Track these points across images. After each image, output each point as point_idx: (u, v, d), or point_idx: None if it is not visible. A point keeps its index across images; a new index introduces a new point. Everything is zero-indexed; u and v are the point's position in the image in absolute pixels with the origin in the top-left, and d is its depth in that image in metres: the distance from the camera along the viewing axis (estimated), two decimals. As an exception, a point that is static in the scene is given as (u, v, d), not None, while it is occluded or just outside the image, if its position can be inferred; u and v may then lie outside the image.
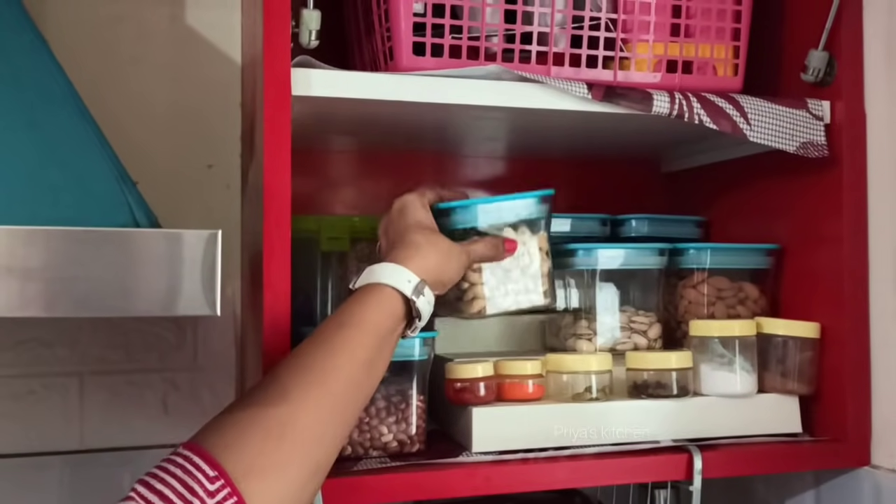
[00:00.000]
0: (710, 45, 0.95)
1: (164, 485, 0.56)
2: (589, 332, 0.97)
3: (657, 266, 1.00)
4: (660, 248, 1.00)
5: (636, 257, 0.99)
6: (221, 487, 0.57)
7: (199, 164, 1.15)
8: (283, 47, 0.78)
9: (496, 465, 0.84)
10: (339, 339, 0.68)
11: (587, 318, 0.98)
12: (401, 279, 0.73)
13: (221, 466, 0.58)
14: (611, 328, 0.98)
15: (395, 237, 0.80)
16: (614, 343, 0.98)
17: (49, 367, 1.08)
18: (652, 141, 1.13)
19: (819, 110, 0.95)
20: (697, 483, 0.87)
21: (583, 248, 0.98)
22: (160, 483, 0.57)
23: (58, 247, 0.51)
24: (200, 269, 0.54)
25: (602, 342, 0.97)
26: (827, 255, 0.97)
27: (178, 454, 0.59)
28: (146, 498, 0.56)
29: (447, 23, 0.87)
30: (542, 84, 0.87)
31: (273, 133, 0.77)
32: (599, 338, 0.97)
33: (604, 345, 0.97)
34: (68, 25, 1.11)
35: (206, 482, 0.57)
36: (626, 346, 0.98)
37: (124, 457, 1.10)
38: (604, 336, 0.97)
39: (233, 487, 0.57)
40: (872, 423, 0.94)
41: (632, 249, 0.99)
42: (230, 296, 1.13)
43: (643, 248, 1.00)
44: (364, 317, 0.70)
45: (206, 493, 0.56)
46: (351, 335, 0.69)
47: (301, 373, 0.65)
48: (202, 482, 0.57)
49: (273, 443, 0.61)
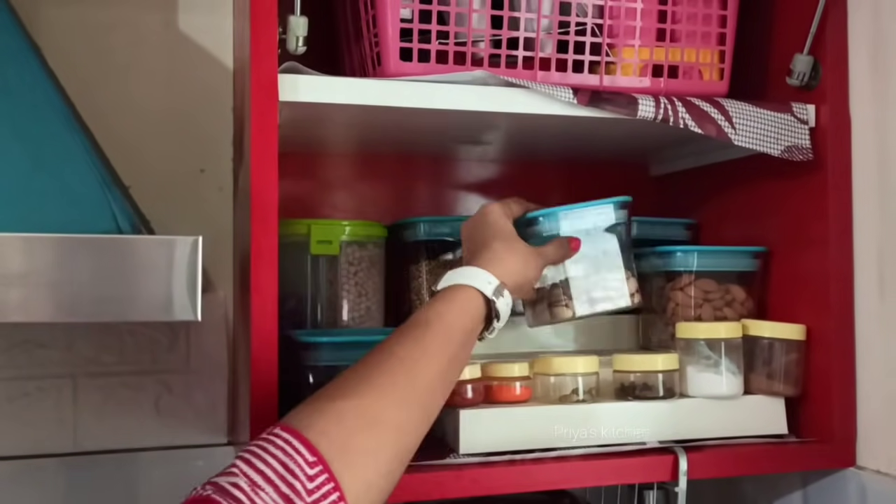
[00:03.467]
0: (695, 49, 0.96)
1: (266, 465, 0.58)
2: (565, 298, 0.92)
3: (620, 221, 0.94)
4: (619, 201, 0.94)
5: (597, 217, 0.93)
6: (320, 473, 0.59)
7: (191, 168, 1.16)
8: (270, 53, 0.79)
9: (483, 466, 0.85)
10: (427, 336, 0.72)
11: (562, 286, 0.92)
12: (482, 281, 0.78)
13: (320, 452, 0.60)
14: (586, 291, 0.92)
15: (478, 243, 0.85)
16: (592, 305, 0.92)
17: (43, 370, 1.09)
18: (641, 144, 1.14)
19: (804, 114, 0.95)
20: (683, 484, 0.87)
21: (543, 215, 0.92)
22: (261, 462, 0.59)
23: (40, 253, 0.52)
24: (181, 274, 0.55)
25: (579, 306, 0.91)
26: (812, 257, 0.97)
27: (276, 435, 0.61)
28: (248, 475, 0.57)
29: (434, 28, 0.88)
30: (528, 89, 0.88)
31: (260, 138, 0.78)
32: (576, 302, 0.91)
33: (581, 309, 0.91)
34: (62, 31, 1.11)
35: (307, 467, 0.59)
36: (605, 307, 0.93)
37: (118, 459, 1.10)
38: (580, 300, 0.91)
39: (330, 473, 0.59)
40: (858, 424, 0.94)
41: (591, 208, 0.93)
42: (222, 299, 1.14)
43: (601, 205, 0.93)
44: (449, 316, 0.75)
45: (306, 478, 0.58)
46: (436, 332, 0.73)
47: (391, 368, 0.68)
48: (302, 466, 0.59)
49: (365, 431, 0.63)
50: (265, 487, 0.57)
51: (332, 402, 0.65)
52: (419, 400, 0.69)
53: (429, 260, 1.05)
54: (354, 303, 1.02)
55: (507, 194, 1.23)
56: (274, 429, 0.62)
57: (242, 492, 0.56)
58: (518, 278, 0.82)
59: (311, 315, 1.01)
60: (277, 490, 0.57)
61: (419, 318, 0.74)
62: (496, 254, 0.82)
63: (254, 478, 0.57)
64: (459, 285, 0.78)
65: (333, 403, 0.64)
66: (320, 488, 0.59)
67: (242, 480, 0.57)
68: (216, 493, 0.56)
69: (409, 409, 0.67)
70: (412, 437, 0.68)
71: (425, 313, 0.75)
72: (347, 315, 1.01)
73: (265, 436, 0.61)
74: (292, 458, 0.59)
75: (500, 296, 0.78)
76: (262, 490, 0.57)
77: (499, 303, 0.78)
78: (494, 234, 0.85)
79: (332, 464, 0.60)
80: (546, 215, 0.91)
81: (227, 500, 0.55)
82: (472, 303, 0.77)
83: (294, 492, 0.57)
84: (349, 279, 1.02)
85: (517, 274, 0.82)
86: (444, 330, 0.73)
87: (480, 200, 1.24)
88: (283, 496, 0.57)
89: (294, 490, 0.57)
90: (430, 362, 0.70)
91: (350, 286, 1.02)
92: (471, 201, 1.24)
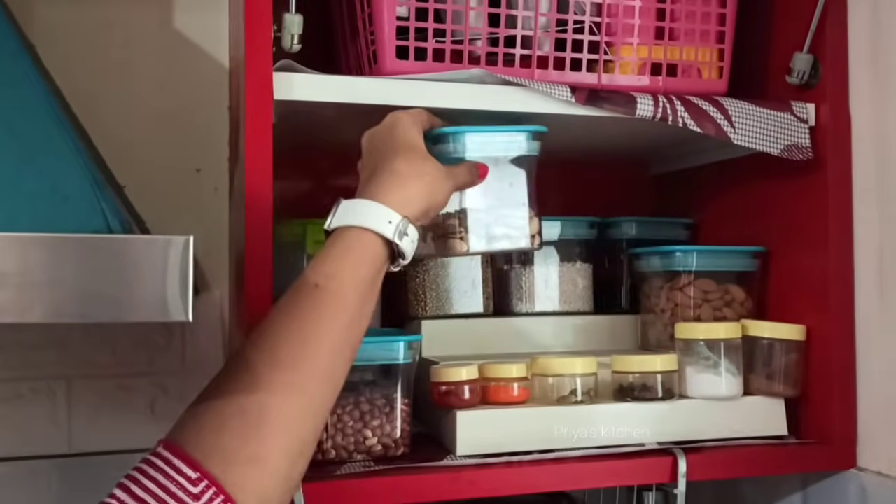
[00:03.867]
0: (694, 48, 0.95)
1: (145, 490, 0.55)
2: (461, 230, 0.85)
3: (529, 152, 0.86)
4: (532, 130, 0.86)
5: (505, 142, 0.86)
6: (206, 488, 0.56)
7: (187, 167, 1.15)
8: (265, 51, 0.79)
9: (481, 468, 0.84)
10: (315, 305, 0.63)
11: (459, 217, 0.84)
12: (381, 220, 0.67)
13: (202, 466, 0.56)
14: (485, 225, 0.84)
15: (379, 160, 0.73)
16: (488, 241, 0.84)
17: (37, 371, 1.08)
18: (639, 143, 1.13)
19: (804, 113, 0.95)
20: (682, 486, 0.87)
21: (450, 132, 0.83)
22: (140, 488, 0.56)
23: (30, 252, 0.51)
24: (173, 274, 0.54)
25: (475, 241, 0.84)
26: (812, 257, 0.97)
27: (157, 455, 0.57)
28: None
29: (431, 26, 0.87)
30: (526, 87, 0.87)
31: (255, 136, 0.78)
32: (472, 236, 0.84)
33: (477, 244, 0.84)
34: (57, 30, 1.11)
35: (189, 485, 0.55)
36: (502, 245, 0.86)
37: (113, 460, 1.10)
38: (476, 234, 0.84)
39: (217, 485, 0.56)
40: (858, 425, 0.94)
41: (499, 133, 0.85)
42: (218, 299, 1.14)
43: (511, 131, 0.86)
44: (342, 274, 0.64)
45: (189, 497, 0.55)
46: (327, 300, 0.63)
47: (275, 351, 0.61)
48: (184, 486, 0.55)
49: (252, 431, 0.58)
50: None
51: (214, 403, 0.59)
52: (315, 381, 0.61)
53: (426, 260, 1.04)
54: (351, 303, 1.01)
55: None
56: (158, 446, 0.58)
57: None
58: (424, 205, 0.71)
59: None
60: None
61: (310, 279, 0.64)
62: (399, 176, 0.70)
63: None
64: (353, 228, 0.66)
65: (215, 404, 0.59)
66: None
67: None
68: None
69: (299, 398, 0.60)
70: (308, 427, 0.61)
71: (313, 274, 0.64)
72: (344, 315, 1.00)
73: (148, 456, 0.57)
74: (172, 478, 0.55)
75: (403, 235, 0.67)
76: None
77: (403, 243, 0.67)
78: (399, 151, 0.72)
79: (220, 477, 0.56)
80: (454, 134, 0.82)
81: None
82: (369, 250, 0.66)
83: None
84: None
85: (423, 200, 0.71)
86: (336, 295, 0.63)
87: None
88: None
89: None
90: (322, 338, 0.62)
91: (346, 286, 1.01)
92: (468, 201, 1.23)
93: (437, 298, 1.04)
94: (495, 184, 0.84)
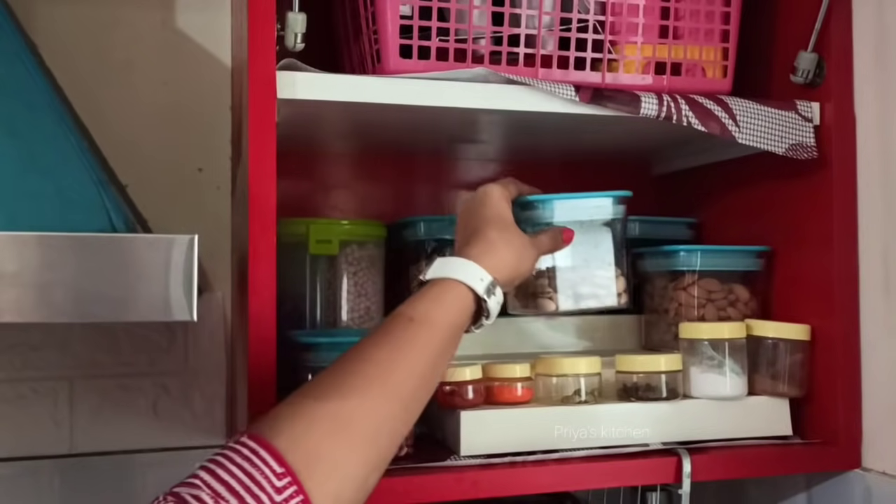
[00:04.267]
0: (698, 46, 0.95)
1: (231, 475, 0.56)
2: (550, 290, 0.90)
3: (616, 216, 0.92)
4: (617, 195, 0.92)
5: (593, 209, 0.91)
6: (289, 485, 0.57)
7: (189, 166, 1.15)
8: (268, 50, 0.78)
9: (484, 468, 0.84)
10: (408, 335, 0.68)
11: (548, 276, 0.89)
12: (474, 277, 0.73)
13: (288, 463, 0.57)
14: (572, 284, 0.89)
15: (472, 230, 0.80)
16: (576, 300, 0.89)
17: (39, 372, 1.08)
18: (643, 143, 1.13)
19: (808, 112, 0.94)
20: (686, 486, 0.86)
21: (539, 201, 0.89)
22: (226, 473, 0.56)
23: (34, 252, 0.51)
24: (177, 273, 0.54)
25: (563, 300, 0.89)
26: (817, 256, 0.96)
27: (242, 444, 0.58)
28: (211, 486, 0.55)
29: (434, 25, 0.87)
30: (530, 86, 0.87)
31: (258, 136, 0.77)
32: (561, 296, 0.89)
33: (565, 303, 0.89)
34: (60, 29, 1.11)
35: (274, 478, 0.56)
36: (590, 304, 0.90)
37: (115, 461, 1.10)
38: (565, 293, 0.89)
39: (299, 485, 0.57)
40: (863, 425, 0.93)
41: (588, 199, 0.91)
42: (220, 299, 1.13)
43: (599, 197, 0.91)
44: (434, 314, 0.70)
45: (273, 490, 0.56)
46: (419, 332, 0.68)
47: (366, 372, 0.64)
48: (269, 478, 0.56)
49: (336, 437, 0.60)
50: (229, 499, 0.54)
51: (302, 408, 0.61)
52: (397, 406, 0.65)
53: (429, 259, 1.04)
54: (354, 303, 1.01)
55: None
56: (240, 437, 0.59)
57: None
58: (511, 273, 0.78)
59: (310, 315, 0.99)
60: (242, 501, 0.55)
61: (405, 313, 0.69)
62: (491, 245, 0.77)
63: (217, 489, 0.55)
64: (449, 280, 0.72)
65: (303, 409, 0.61)
66: (288, 501, 0.56)
67: (205, 493, 0.54)
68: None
69: (384, 416, 0.63)
70: (388, 441, 0.64)
71: (410, 309, 0.70)
72: (346, 315, 1.00)
73: (231, 444, 0.58)
74: (258, 468, 0.56)
75: (491, 294, 0.74)
76: (225, 502, 0.54)
77: (490, 301, 0.73)
78: (490, 221, 0.79)
79: (301, 474, 0.57)
80: (542, 202, 0.88)
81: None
82: (461, 301, 0.72)
83: (259, 503, 0.55)
84: (348, 279, 1.01)
85: (511, 268, 0.77)
86: (427, 329, 0.68)
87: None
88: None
89: (259, 502, 0.55)
90: (410, 364, 0.66)
91: (349, 286, 1.01)
92: (471, 201, 1.23)
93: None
94: (582, 245, 0.89)
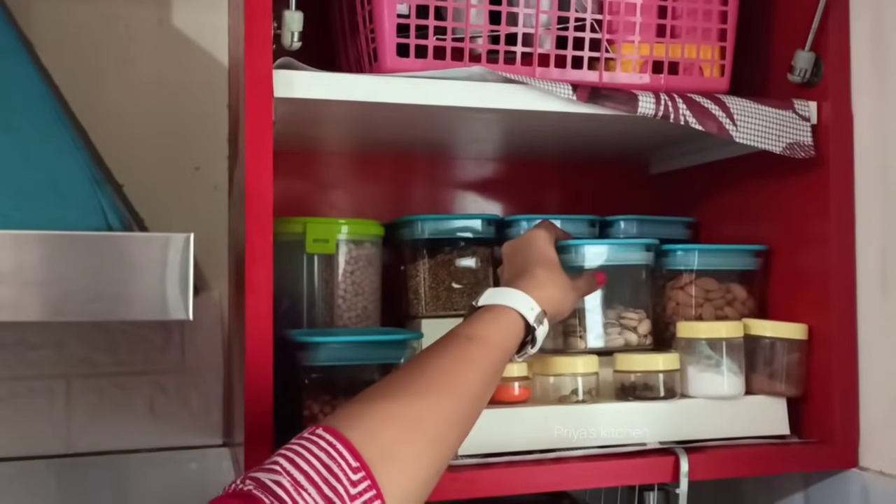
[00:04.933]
0: (696, 45, 0.95)
1: (309, 465, 0.57)
2: (580, 329, 0.96)
3: (644, 262, 0.99)
4: (646, 243, 0.99)
5: (623, 254, 0.98)
6: (363, 479, 0.58)
7: (186, 165, 1.15)
8: (265, 49, 0.78)
9: (481, 468, 0.84)
10: (469, 351, 0.72)
11: (578, 316, 0.96)
12: (525, 306, 0.78)
13: (363, 458, 0.59)
14: (601, 325, 0.97)
15: (522, 266, 0.85)
16: (605, 341, 0.96)
17: (35, 370, 1.08)
18: (640, 142, 1.13)
19: (805, 111, 0.94)
20: (684, 486, 0.86)
21: (570, 245, 0.95)
22: (305, 462, 0.57)
23: (29, 250, 0.51)
24: (173, 272, 0.54)
25: (592, 339, 0.96)
26: (814, 256, 0.96)
27: (319, 436, 0.60)
28: (291, 474, 0.56)
29: (431, 24, 0.87)
30: (527, 85, 0.87)
31: (255, 135, 0.77)
32: (590, 335, 0.96)
33: (594, 342, 0.96)
34: (56, 28, 1.10)
35: (350, 471, 0.58)
36: (617, 343, 0.96)
37: (111, 461, 1.09)
38: (594, 333, 0.96)
39: (372, 479, 0.58)
40: (860, 424, 0.93)
41: (618, 245, 0.98)
42: (217, 298, 1.13)
43: (629, 244, 0.99)
44: (490, 335, 0.74)
45: (349, 482, 0.57)
46: (479, 349, 0.72)
47: (434, 379, 0.68)
48: (345, 470, 0.58)
49: (408, 438, 0.63)
50: (308, 488, 0.56)
51: (377, 407, 0.64)
52: (459, 413, 0.68)
53: (427, 259, 1.03)
54: (351, 302, 1.00)
55: (505, 193, 1.24)
56: (316, 429, 0.61)
57: (285, 490, 0.55)
58: (555, 309, 0.82)
59: (308, 315, 0.99)
60: (320, 492, 0.56)
61: (462, 332, 0.74)
62: (539, 281, 0.81)
63: (297, 477, 0.56)
64: (502, 306, 0.77)
65: (377, 408, 0.63)
66: (362, 494, 0.57)
67: (286, 479, 0.56)
68: (258, 489, 0.55)
69: (448, 420, 0.66)
70: (449, 449, 0.67)
71: (469, 329, 0.74)
72: (344, 315, 1.00)
73: (307, 435, 0.60)
74: (335, 460, 0.58)
75: (540, 323, 0.79)
76: (304, 490, 0.55)
77: (538, 330, 0.78)
78: (539, 261, 0.85)
79: (375, 469, 0.59)
80: (576, 247, 0.95)
81: (269, 497, 0.54)
82: (513, 326, 0.77)
83: (337, 495, 0.56)
84: (346, 278, 1.00)
85: (555, 304, 0.82)
86: (485, 348, 0.73)
87: (478, 199, 1.23)
88: (325, 499, 0.56)
89: (337, 493, 0.56)
90: (471, 378, 0.70)
91: (347, 285, 1.00)
92: (469, 200, 1.23)
93: (437, 297, 1.03)
94: (612, 288, 0.97)
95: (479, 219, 1.05)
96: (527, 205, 1.23)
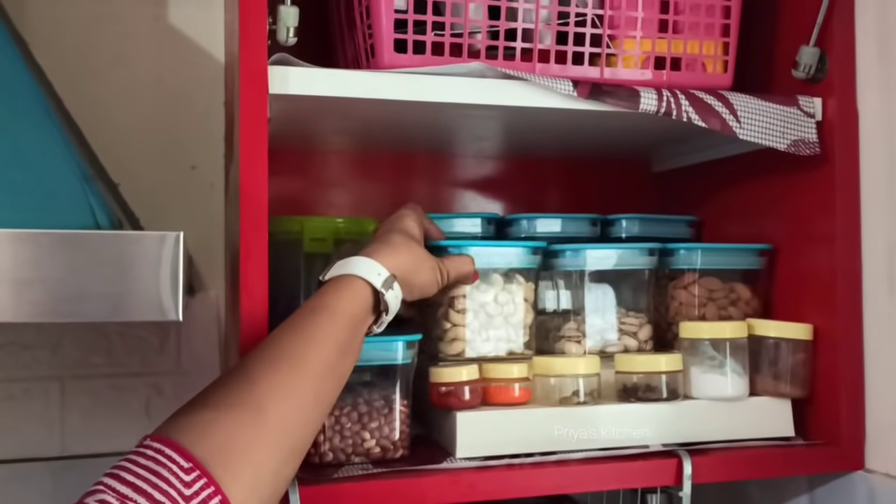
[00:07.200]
0: (699, 41, 0.93)
1: (136, 476, 0.55)
2: (578, 334, 0.96)
3: (647, 266, 0.98)
4: (649, 247, 0.98)
5: (625, 258, 0.97)
6: (198, 478, 0.56)
7: (182, 164, 1.14)
8: (260, 45, 0.77)
9: (481, 471, 0.82)
10: (312, 324, 0.69)
11: (576, 320, 0.96)
12: (371, 271, 0.75)
13: (195, 457, 0.57)
14: (600, 330, 0.96)
15: (378, 237, 0.82)
16: (604, 345, 0.96)
17: (29, 372, 1.07)
18: (642, 140, 1.11)
19: (810, 107, 0.93)
20: (687, 489, 0.85)
21: (571, 249, 0.96)
22: (130, 475, 0.55)
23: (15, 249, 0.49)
24: (165, 272, 0.52)
25: (591, 344, 0.96)
26: (819, 254, 0.95)
27: (146, 447, 0.57)
28: (116, 489, 0.54)
29: (429, 19, 0.85)
30: (527, 81, 0.86)
31: (249, 132, 0.76)
32: (589, 340, 0.96)
33: (593, 347, 0.96)
34: (50, 25, 1.09)
35: (182, 473, 0.56)
36: (616, 348, 0.96)
37: (107, 463, 1.07)
38: (593, 338, 0.96)
39: (209, 477, 0.56)
40: (867, 426, 0.92)
41: (621, 250, 0.98)
42: (214, 299, 1.12)
43: (632, 248, 0.98)
44: (336, 304, 0.72)
45: (182, 484, 0.55)
46: (323, 320, 0.70)
47: (273, 358, 0.65)
48: (177, 473, 0.55)
49: (245, 429, 0.60)
50: (136, 498, 0.53)
51: (207, 403, 0.61)
52: (306, 389, 0.65)
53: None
54: (349, 302, 0.99)
55: (506, 192, 1.23)
56: (144, 440, 0.58)
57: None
58: (409, 275, 0.79)
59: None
60: (151, 499, 0.53)
61: (306, 306, 0.71)
62: (391, 245, 0.79)
63: (122, 491, 0.53)
64: (347, 275, 0.74)
65: (208, 404, 0.61)
66: (199, 494, 0.55)
67: (110, 495, 0.53)
68: None
69: (295, 401, 0.64)
70: (301, 430, 0.65)
71: (311, 303, 0.72)
72: (341, 315, 0.98)
73: (134, 449, 0.58)
74: (165, 465, 0.56)
75: (389, 288, 0.75)
76: (132, 502, 0.53)
77: (388, 295, 0.75)
78: (397, 228, 0.83)
79: (211, 467, 0.57)
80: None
81: None
82: (359, 293, 0.74)
83: (170, 499, 0.54)
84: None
85: (409, 269, 0.79)
86: (331, 319, 0.70)
87: (478, 197, 1.22)
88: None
89: (169, 497, 0.54)
90: (317, 351, 0.67)
91: (344, 285, 0.99)
92: (468, 198, 1.22)
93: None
94: (612, 292, 0.96)
95: (479, 217, 1.04)
96: (527, 203, 1.22)
